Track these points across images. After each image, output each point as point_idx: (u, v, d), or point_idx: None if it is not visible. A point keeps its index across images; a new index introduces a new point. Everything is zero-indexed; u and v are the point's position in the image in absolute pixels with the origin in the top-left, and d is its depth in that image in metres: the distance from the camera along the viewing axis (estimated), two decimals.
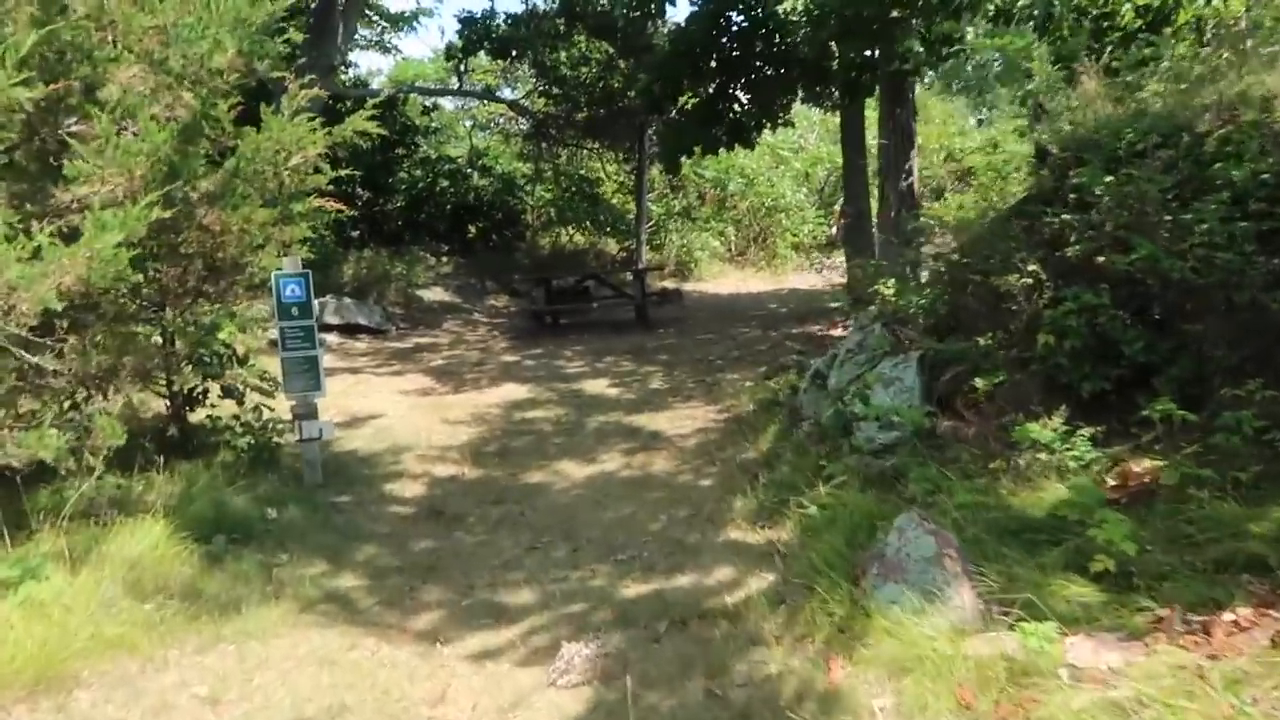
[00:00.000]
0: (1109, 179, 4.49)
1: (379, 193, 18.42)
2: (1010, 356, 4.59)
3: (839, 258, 19.33)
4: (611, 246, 20.53)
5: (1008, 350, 4.63)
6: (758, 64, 10.74)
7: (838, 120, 22.43)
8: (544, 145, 19.54)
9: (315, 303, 5.84)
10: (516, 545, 4.61)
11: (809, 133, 21.73)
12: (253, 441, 5.82)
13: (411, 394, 8.38)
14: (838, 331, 9.79)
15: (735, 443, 5.82)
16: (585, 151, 20.22)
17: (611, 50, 16.40)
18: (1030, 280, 4.59)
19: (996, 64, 24.13)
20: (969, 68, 24.43)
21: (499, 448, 6.35)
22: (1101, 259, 4.27)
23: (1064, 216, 4.62)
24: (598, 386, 8.31)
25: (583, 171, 19.98)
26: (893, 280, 5.86)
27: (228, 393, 5.97)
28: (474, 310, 14.73)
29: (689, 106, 11.58)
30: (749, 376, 8.02)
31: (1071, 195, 4.74)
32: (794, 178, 20.32)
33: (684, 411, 6.95)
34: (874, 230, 11.10)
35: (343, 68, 17.18)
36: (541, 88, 17.91)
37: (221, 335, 5.74)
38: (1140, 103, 5.57)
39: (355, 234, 18.10)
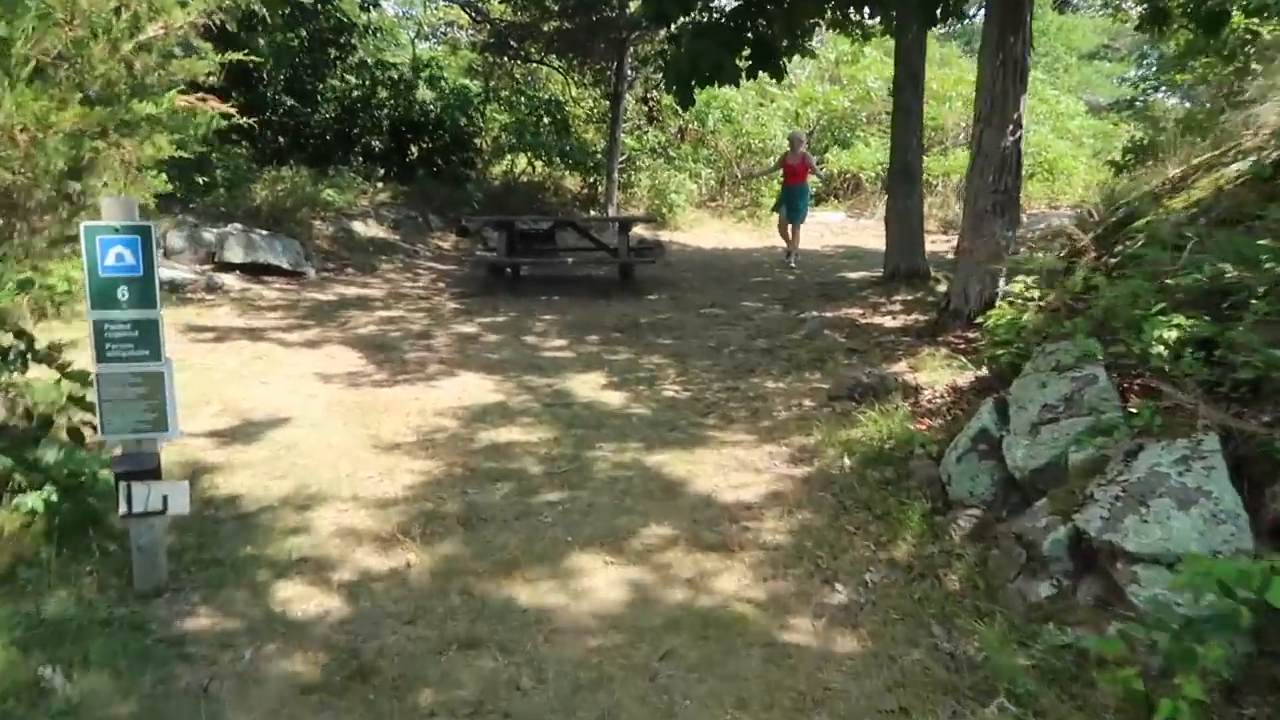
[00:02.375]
0: None
1: (304, 100, 15.60)
2: None
3: (832, 212, 17.21)
4: (571, 182, 18.09)
5: None
6: None
7: (833, 56, 20.27)
8: (503, 59, 16.84)
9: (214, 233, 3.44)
10: None
11: (800, 69, 19.36)
12: (54, 499, 3.48)
13: (332, 381, 6.02)
14: (888, 320, 7.69)
15: (850, 540, 3.66)
16: (549, 70, 17.57)
17: None
18: None
19: None
20: None
21: (462, 509, 4.09)
22: None
23: None
24: (591, 387, 6.06)
25: (550, 95, 17.36)
26: (1121, 292, 3.71)
27: (18, 412, 3.61)
28: (415, 251, 12.25)
29: (704, 23, 9.18)
30: (800, 389, 5.87)
31: None
32: (783, 117, 18.01)
33: (735, 452, 4.77)
34: (918, 185, 8.97)
35: None
36: None
37: None
38: None
39: (276, 147, 15.39)
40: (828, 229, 16.18)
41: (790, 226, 11.64)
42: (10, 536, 3.43)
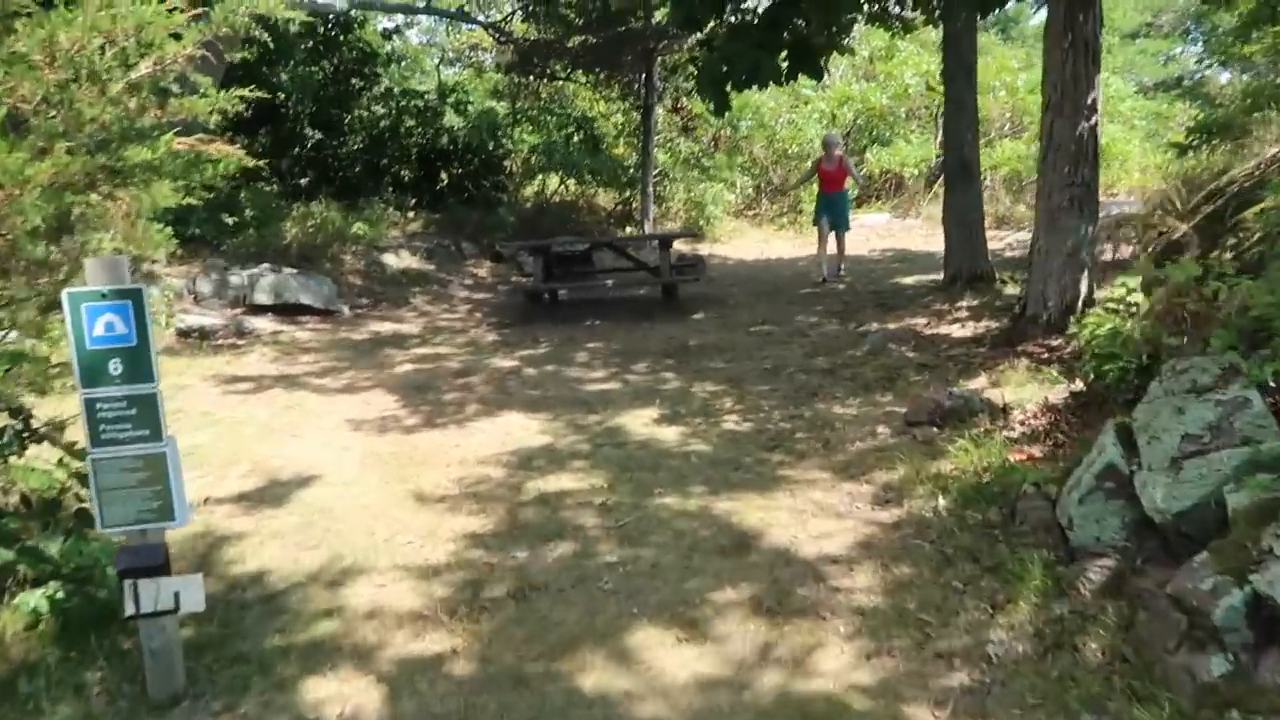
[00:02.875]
0: None
1: (331, 132, 15.43)
2: None
3: (876, 214, 16.55)
4: (603, 199, 17.72)
5: None
6: None
7: (866, 53, 19.70)
8: (529, 78, 16.53)
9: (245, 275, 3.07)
10: None
11: (834, 68, 18.82)
12: (60, 596, 3.12)
13: (367, 429, 5.64)
14: (956, 330, 7.15)
15: (959, 600, 3.16)
16: (576, 86, 17.24)
17: None
18: None
19: None
20: None
21: (511, 577, 3.65)
22: None
23: None
24: (643, 422, 5.61)
25: (579, 112, 17.01)
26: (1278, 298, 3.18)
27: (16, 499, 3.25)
28: (449, 280, 11.92)
29: (738, 24, 8.74)
30: (872, 414, 5.37)
31: None
32: (819, 119, 17.47)
33: (810, 494, 4.28)
34: (977, 180, 8.43)
35: None
36: (525, 5, 14.84)
37: None
38: None
39: (304, 182, 15.22)
40: (873, 231, 15.61)
41: (835, 236, 10.73)
42: (11, 640, 3.07)
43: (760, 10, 8.93)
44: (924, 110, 18.62)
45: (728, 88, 8.69)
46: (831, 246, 10.65)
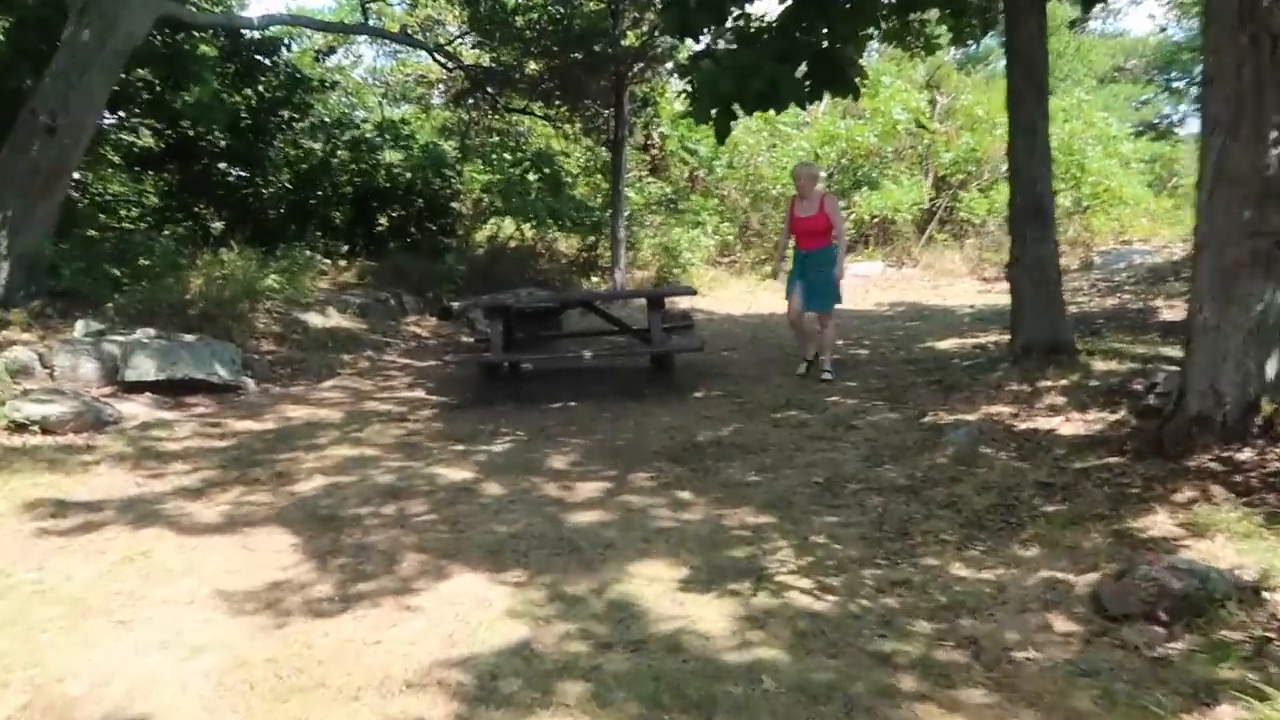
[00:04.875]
0: None
1: (253, 168, 13.42)
2: None
3: (869, 262, 14.72)
4: (565, 245, 15.93)
5: None
6: None
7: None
8: (481, 108, 14.73)
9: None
10: None
11: (815, 105, 17.33)
12: None
13: (236, 609, 3.62)
14: (1062, 424, 5.37)
15: None
16: (533, 120, 15.47)
17: None
18: None
19: None
20: None
21: None
22: None
23: None
24: (665, 591, 3.67)
25: (541, 146, 15.25)
26: None
27: None
28: (386, 343, 9.93)
29: (751, 32, 7.02)
30: (1021, 580, 3.52)
31: None
32: (803, 159, 15.87)
33: None
34: (1053, 228, 6.73)
35: None
36: (478, 24, 13.07)
37: None
38: None
39: (219, 225, 13.15)
40: (869, 282, 14.01)
41: (819, 318, 7.46)
42: None
43: (769, 17, 7.23)
44: (910, 150, 17.20)
45: (734, 108, 6.96)
46: (812, 321, 7.54)
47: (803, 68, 6.89)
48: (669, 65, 13.15)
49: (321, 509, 4.79)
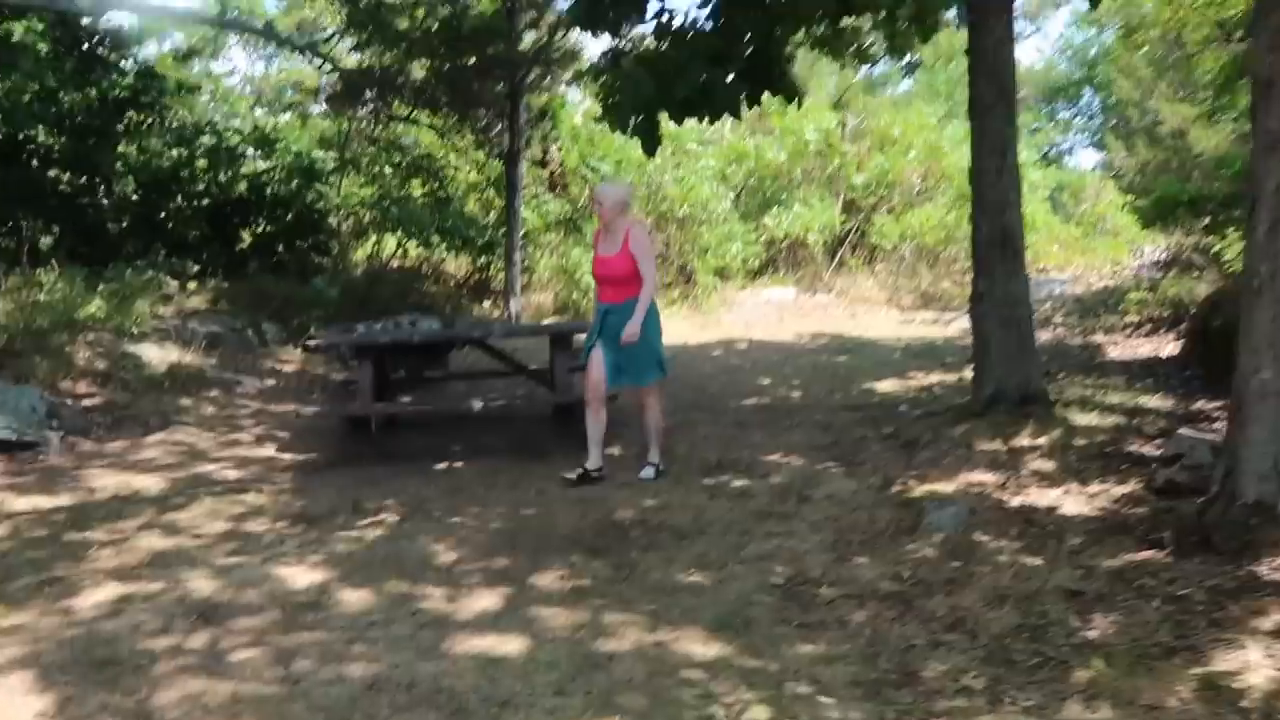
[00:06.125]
0: None
1: (93, 176, 11.70)
2: None
3: (779, 287, 13.77)
4: (455, 266, 14.61)
5: None
6: None
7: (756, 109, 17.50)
8: (359, 114, 13.30)
9: None
10: None
11: (723, 121, 16.50)
12: None
13: None
14: (1062, 499, 4.43)
15: None
16: (420, 130, 14.09)
17: None
18: None
19: None
20: None
21: None
22: None
23: None
24: None
25: (422, 157, 13.91)
26: None
27: None
28: (238, 382, 8.42)
29: (679, 30, 5.95)
30: None
31: None
32: (712, 177, 14.94)
33: None
34: (1022, 259, 5.85)
35: None
36: (354, 21, 11.68)
37: None
38: None
39: (47, 240, 11.39)
40: (782, 310, 13.15)
41: (640, 395, 5.59)
42: None
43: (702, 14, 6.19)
44: (820, 172, 16.50)
45: (659, 116, 5.88)
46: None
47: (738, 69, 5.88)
48: (568, 75, 12.06)
49: (100, 642, 3.40)
